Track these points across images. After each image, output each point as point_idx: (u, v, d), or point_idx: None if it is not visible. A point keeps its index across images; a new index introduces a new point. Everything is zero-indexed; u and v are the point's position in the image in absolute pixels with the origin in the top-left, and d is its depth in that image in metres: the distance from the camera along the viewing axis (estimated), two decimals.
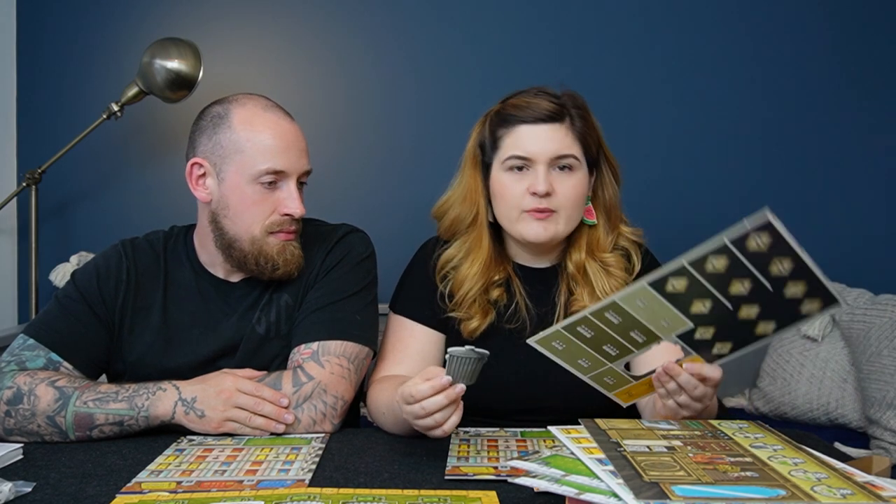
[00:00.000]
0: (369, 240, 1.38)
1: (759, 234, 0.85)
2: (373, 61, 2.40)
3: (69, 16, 2.39)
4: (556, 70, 2.36)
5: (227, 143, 1.23)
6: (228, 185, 1.23)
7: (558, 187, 1.27)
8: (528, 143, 1.27)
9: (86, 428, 1.13)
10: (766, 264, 0.87)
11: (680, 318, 0.96)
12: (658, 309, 0.95)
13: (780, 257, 0.87)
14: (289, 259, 1.26)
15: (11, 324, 2.40)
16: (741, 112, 2.38)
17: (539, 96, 1.30)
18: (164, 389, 1.15)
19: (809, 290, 0.91)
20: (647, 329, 0.98)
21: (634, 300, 0.94)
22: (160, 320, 1.29)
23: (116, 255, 1.32)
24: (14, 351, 1.22)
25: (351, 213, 1.58)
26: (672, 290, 0.92)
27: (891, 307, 1.99)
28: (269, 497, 0.89)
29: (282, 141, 1.23)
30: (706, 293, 0.92)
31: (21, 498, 0.91)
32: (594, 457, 0.81)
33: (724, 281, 0.90)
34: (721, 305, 0.93)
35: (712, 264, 0.88)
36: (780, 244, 0.85)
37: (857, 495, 0.70)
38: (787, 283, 0.89)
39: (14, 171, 2.40)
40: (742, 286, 0.90)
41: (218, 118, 1.25)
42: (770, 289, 0.90)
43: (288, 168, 1.23)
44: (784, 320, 0.95)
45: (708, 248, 0.87)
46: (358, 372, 1.25)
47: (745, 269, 0.88)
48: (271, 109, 1.27)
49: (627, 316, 0.96)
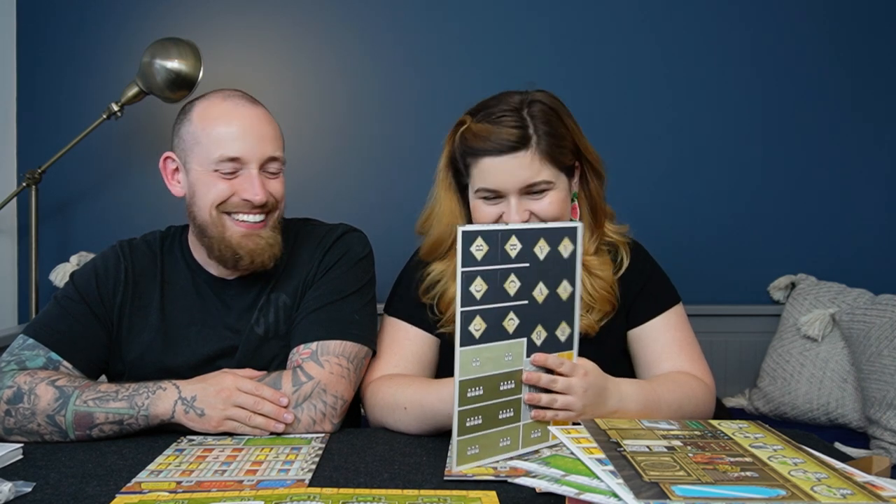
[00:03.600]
0: (367, 239, 1.38)
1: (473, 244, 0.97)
2: (372, 61, 2.40)
3: (69, 16, 2.39)
4: (555, 70, 2.37)
5: (188, 136, 1.25)
6: (193, 175, 1.25)
7: (534, 209, 1.25)
8: (494, 177, 1.22)
9: (86, 427, 1.13)
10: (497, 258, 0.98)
11: (510, 345, 1.01)
12: (494, 352, 1.00)
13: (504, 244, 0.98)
14: (254, 249, 1.24)
15: (11, 324, 2.40)
16: (741, 112, 2.38)
17: (501, 121, 1.22)
18: (164, 389, 1.15)
19: (548, 240, 1.02)
20: (506, 375, 1.02)
21: (469, 362, 0.98)
22: (158, 319, 1.29)
23: (114, 256, 1.32)
24: (14, 351, 1.22)
25: (350, 213, 1.58)
26: (475, 331, 0.98)
27: (891, 307, 1.99)
28: (269, 497, 0.89)
29: (237, 128, 1.22)
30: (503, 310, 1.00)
31: (21, 498, 0.91)
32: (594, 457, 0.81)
33: (496, 285, 0.99)
34: (524, 308, 1.02)
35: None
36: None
37: (857, 495, 0.70)
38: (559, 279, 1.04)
39: (14, 171, 2.40)
40: (511, 284, 1.00)
41: (182, 114, 1.28)
42: (528, 265, 1.01)
43: (243, 154, 1.22)
44: (554, 275, 1.04)
45: None
46: (357, 371, 1.25)
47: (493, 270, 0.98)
48: (231, 98, 1.26)
49: (483, 375, 1.00)
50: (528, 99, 1.26)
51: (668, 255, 1.57)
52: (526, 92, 1.28)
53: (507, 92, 1.29)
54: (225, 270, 1.31)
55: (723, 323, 2.35)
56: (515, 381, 1.03)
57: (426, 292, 1.34)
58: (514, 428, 1.04)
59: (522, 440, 1.05)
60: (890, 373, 1.90)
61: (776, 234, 2.40)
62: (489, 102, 1.28)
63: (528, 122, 1.22)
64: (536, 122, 1.22)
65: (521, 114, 1.23)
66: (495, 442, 1.02)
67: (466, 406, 0.98)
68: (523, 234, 1.00)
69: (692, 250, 2.35)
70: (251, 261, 1.25)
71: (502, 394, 1.02)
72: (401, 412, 1.19)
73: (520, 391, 1.04)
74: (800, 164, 2.39)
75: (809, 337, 2.14)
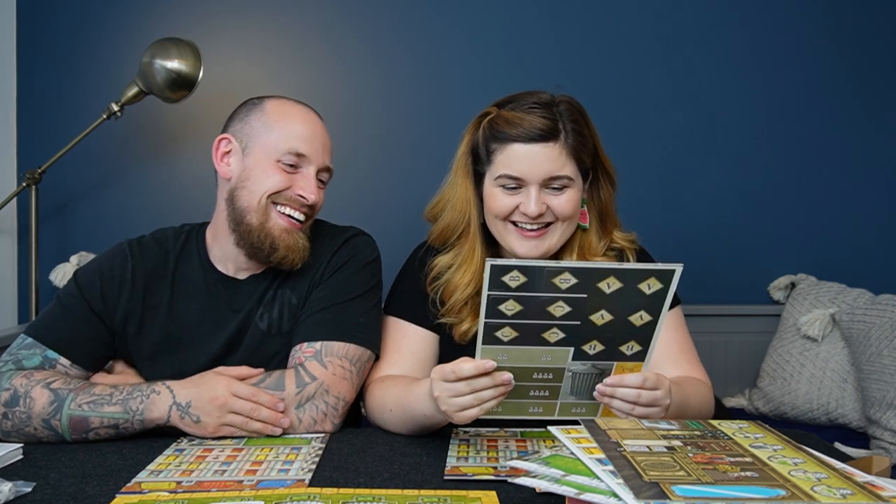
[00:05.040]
0: (375, 244, 1.38)
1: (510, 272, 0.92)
2: (373, 61, 2.40)
3: (69, 16, 2.39)
4: (556, 70, 2.37)
5: (258, 122, 1.28)
6: (253, 159, 1.27)
7: (551, 203, 1.26)
8: (520, 164, 1.24)
9: (81, 431, 1.13)
10: (548, 285, 0.93)
11: (552, 350, 0.99)
12: (529, 353, 0.98)
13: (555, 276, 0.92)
14: (291, 245, 1.26)
15: (11, 324, 2.40)
16: (742, 112, 2.39)
17: (533, 111, 1.24)
18: (158, 392, 1.14)
19: (622, 279, 0.95)
20: (543, 369, 1.01)
21: (496, 355, 0.98)
22: (168, 318, 1.29)
23: (121, 255, 1.32)
24: (12, 351, 1.22)
25: (350, 213, 1.58)
26: (505, 337, 0.97)
27: (891, 307, 1.99)
28: (269, 497, 0.89)
29: (309, 130, 1.29)
30: (541, 325, 0.96)
31: (21, 498, 0.91)
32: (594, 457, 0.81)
33: (543, 307, 0.95)
34: (570, 327, 0.97)
35: (506, 308, 0.94)
36: (532, 273, 0.92)
37: (857, 495, 0.70)
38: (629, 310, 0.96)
39: (14, 171, 2.40)
40: (558, 307, 0.95)
41: (252, 105, 1.32)
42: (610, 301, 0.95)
43: (310, 154, 1.27)
44: (625, 307, 0.98)
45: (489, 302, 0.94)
46: (360, 374, 1.25)
47: (538, 294, 0.94)
48: (303, 105, 1.34)
49: (516, 360, 0.99)
50: (556, 98, 1.29)
51: (669, 255, 1.56)
52: (551, 93, 1.31)
53: (533, 90, 1.31)
54: (239, 268, 1.31)
55: (723, 323, 2.35)
56: (554, 375, 1.01)
57: (432, 283, 1.35)
58: (550, 405, 1.05)
59: (559, 410, 1.06)
60: (890, 373, 1.90)
61: (776, 234, 2.40)
62: (517, 96, 1.30)
63: (559, 117, 1.25)
64: (565, 119, 1.25)
65: (551, 108, 1.26)
66: (524, 408, 1.03)
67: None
68: (581, 272, 0.94)
69: (692, 250, 2.34)
70: (285, 255, 1.26)
71: (535, 380, 1.01)
72: (388, 414, 1.20)
73: (559, 381, 1.02)
74: (800, 165, 2.39)
75: (809, 337, 2.14)
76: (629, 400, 1.02)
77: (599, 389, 1.03)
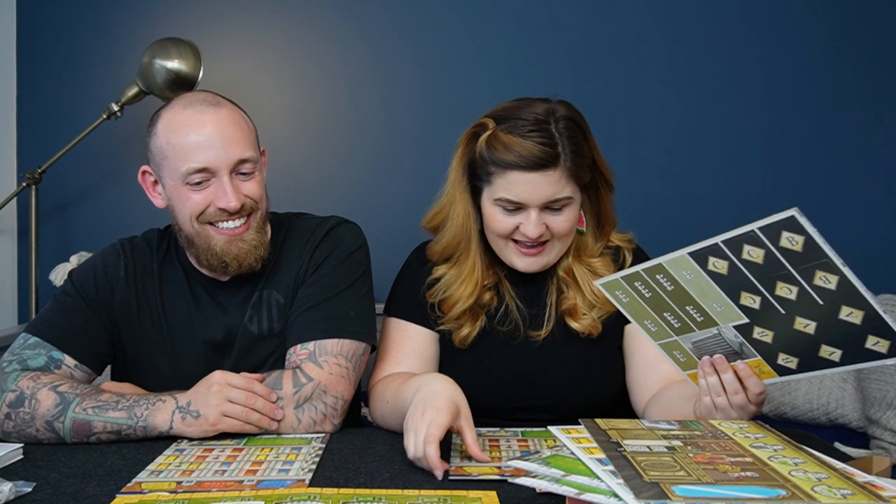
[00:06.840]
0: (359, 230, 1.36)
1: (788, 230, 0.84)
2: (374, 61, 2.40)
3: (69, 16, 2.39)
4: (557, 70, 2.36)
5: (156, 150, 1.23)
6: (168, 188, 1.24)
7: (550, 223, 1.25)
8: (520, 190, 1.22)
9: (83, 435, 1.13)
10: (809, 273, 0.86)
11: (731, 306, 0.95)
12: (706, 288, 0.95)
13: (822, 270, 0.85)
14: (239, 254, 1.24)
15: (11, 324, 2.40)
16: (742, 113, 2.38)
17: (531, 136, 1.20)
18: (164, 400, 1.14)
19: (870, 325, 0.86)
20: (701, 308, 0.98)
21: (681, 269, 0.95)
22: (160, 319, 1.29)
23: (115, 254, 1.32)
24: (15, 350, 1.22)
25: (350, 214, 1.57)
26: (714, 270, 0.92)
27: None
28: (269, 497, 0.89)
29: (203, 136, 1.19)
30: (751, 286, 0.91)
31: (21, 498, 0.91)
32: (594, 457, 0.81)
33: (767, 276, 0.89)
34: (770, 306, 0.92)
35: (748, 253, 0.88)
36: (814, 249, 0.84)
37: (857, 495, 0.70)
38: (838, 303, 0.87)
39: (14, 171, 2.40)
40: (788, 290, 0.89)
41: (150, 126, 1.26)
42: (819, 301, 0.88)
43: (212, 162, 1.19)
44: (849, 353, 0.91)
45: (739, 233, 0.87)
46: (356, 370, 1.24)
47: (783, 267, 0.87)
48: (193, 105, 1.22)
49: (678, 285, 0.97)
50: (552, 111, 1.23)
51: None
52: (547, 100, 1.26)
53: (528, 99, 1.27)
54: (217, 273, 1.31)
55: None
56: (705, 318, 0.99)
57: (429, 288, 1.35)
58: (666, 330, 1.04)
59: (666, 345, 1.06)
60: (890, 373, 1.90)
61: None
62: (513, 111, 1.25)
63: (557, 139, 1.21)
64: (564, 139, 1.21)
65: (549, 129, 1.21)
66: (643, 315, 1.04)
67: (646, 277, 0.99)
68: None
69: None
70: (238, 266, 1.25)
71: (682, 308, 0.99)
72: (385, 407, 1.21)
73: (699, 327, 1.00)
74: (800, 164, 2.38)
75: None
76: (728, 389, 1.00)
77: (716, 360, 1.01)
